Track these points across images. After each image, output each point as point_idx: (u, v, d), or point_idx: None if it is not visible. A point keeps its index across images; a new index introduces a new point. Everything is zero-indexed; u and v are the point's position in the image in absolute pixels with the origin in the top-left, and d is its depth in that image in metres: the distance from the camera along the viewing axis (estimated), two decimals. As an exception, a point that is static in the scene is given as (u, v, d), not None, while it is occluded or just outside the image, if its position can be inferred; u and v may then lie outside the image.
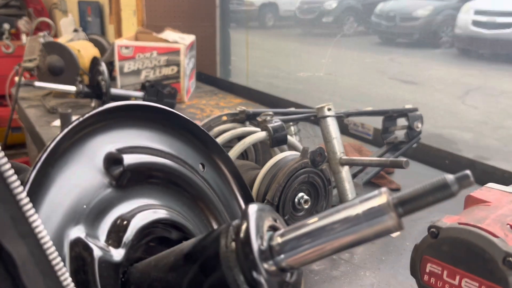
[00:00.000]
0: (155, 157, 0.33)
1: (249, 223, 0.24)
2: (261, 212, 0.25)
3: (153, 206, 0.32)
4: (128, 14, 2.30)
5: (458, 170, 0.96)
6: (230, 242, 0.25)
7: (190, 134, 0.36)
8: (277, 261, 0.24)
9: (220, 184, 0.37)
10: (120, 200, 0.30)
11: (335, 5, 2.37)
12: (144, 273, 0.29)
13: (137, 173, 0.31)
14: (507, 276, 0.38)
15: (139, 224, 0.30)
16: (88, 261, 0.26)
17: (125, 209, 0.30)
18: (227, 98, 1.77)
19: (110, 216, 0.29)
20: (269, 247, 0.24)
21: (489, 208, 0.47)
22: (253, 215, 0.24)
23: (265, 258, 0.24)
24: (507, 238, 0.40)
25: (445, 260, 0.43)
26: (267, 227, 0.25)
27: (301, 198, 0.62)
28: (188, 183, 0.35)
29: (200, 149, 0.37)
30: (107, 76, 1.35)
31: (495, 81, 1.53)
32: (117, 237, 0.29)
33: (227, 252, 0.24)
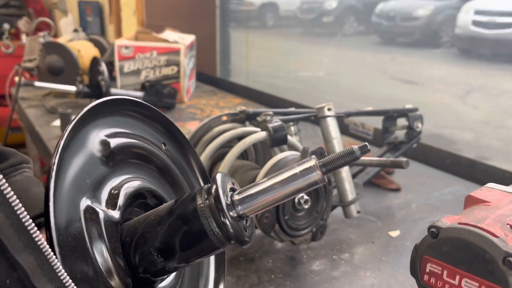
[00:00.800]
0: (132, 140, 0.42)
1: (218, 185, 0.35)
2: (224, 178, 0.36)
3: (135, 178, 0.41)
4: (128, 14, 2.30)
5: (458, 171, 0.96)
6: (204, 199, 0.35)
7: (154, 119, 0.46)
8: (237, 211, 0.35)
9: (179, 158, 0.48)
10: (112, 174, 0.40)
11: (336, 5, 2.37)
12: (134, 228, 0.38)
13: (120, 153, 0.40)
14: (507, 276, 0.38)
15: (126, 192, 0.39)
16: (97, 221, 0.35)
17: (115, 182, 0.40)
18: (227, 98, 1.77)
19: (107, 187, 0.39)
20: (231, 202, 0.35)
21: (489, 208, 0.47)
22: (219, 180, 0.35)
23: (229, 209, 0.34)
24: (507, 238, 0.40)
25: (445, 260, 0.43)
26: (229, 188, 0.36)
27: (301, 198, 0.62)
28: (156, 159, 0.44)
29: (162, 131, 0.46)
30: (107, 76, 1.35)
31: (495, 81, 1.53)
32: (113, 202, 0.38)
33: (203, 206, 0.35)
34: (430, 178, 1.02)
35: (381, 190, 0.94)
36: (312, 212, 0.64)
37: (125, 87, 1.60)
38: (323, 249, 0.71)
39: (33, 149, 1.92)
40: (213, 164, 0.77)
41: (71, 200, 0.34)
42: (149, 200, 0.42)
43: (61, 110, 1.18)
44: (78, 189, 0.35)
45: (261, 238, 0.73)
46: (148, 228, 0.37)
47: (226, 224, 0.34)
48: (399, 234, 0.76)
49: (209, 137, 0.75)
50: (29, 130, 1.47)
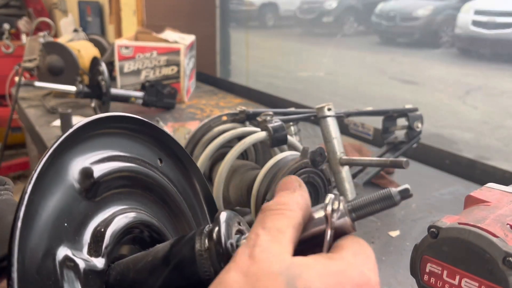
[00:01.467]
0: (122, 163, 0.36)
1: (221, 228, 0.29)
2: (229, 219, 0.30)
3: (125, 210, 0.35)
4: (128, 14, 2.30)
5: (458, 171, 0.96)
6: (204, 246, 0.29)
7: (149, 135, 0.39)
8: None
9: (180, 179, 0.42)
10: (96, 210, 0.34)
11: (335, 5, 2.37)
12: (123, 275, 0.33)
13: (107, 182, 0.35)
14: (507, 276, 0.38)
15: (114, 230, 0.33)
16: (76, 273, 0.30)
17: (101, 218, 0.34)
18: (227, 98, 1.77)
19: (90, 228, 0.33)
20: (237, 247, 0.29)
21: (489, 208, 0.47)
22: (223, 221, 0.30)
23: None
24: (507, 238, 0.40)
25: (445, 260, 0.43)
26: (235, 231, 0.30)
27: (301, 198, 0.62)
28: (152, 183, 0.38)
29: (158, 147, 0.40)
30: (107, 76, 1.35)
31: (495, 81, 1.53)
32: (97, 246, 0.32)
33: (202, 256, 0.29)
34: (430, 178, 1.02)
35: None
36: (312, 212, 0.64)
37: (125, 87, 1.60)
38: (323, 249, 0.71)
39: (33, 149, 1.92)
40: (213, 164, 0.77)
41: (45, 248, 0.28)
42: (144, 233, 0.37)
43: (61, 110, 1.18)
44: (53, 238, 0.29)
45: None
46: (138, 277, 0.32)
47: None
48: (399, 234, 0.76)
49: (209, 137, 0.75)
50: (29, 130, 1.47)
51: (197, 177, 0.43)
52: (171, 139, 0.41)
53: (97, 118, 0.34)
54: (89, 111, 1.47)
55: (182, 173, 0.42)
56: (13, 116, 1.72)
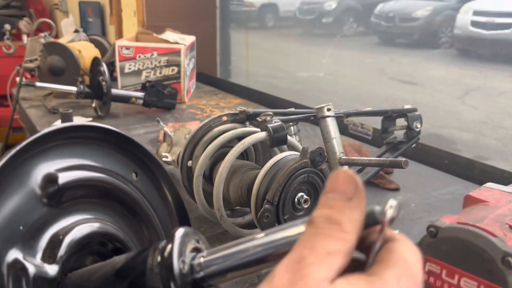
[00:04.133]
0: (91, 173, 0.35)
1: (174, 244, 0.28)
2: (185, 236, 0.29)
3: (88, 220, 0.35)
4: (128, 14, 2.31)
5: (457, 170, 0.97)
6: (156, 262, 0.28)
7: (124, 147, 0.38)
8: (196, 279, 0.27)
9: (153, 191, 0.40)
10: (56, 217, 0.33)
11: (335, 6, 2.37)
12: (78, 285, 0.32)
13: (72, 190, 0.34)
14: (506, 275, 0.38)
15: (73, 239, 0.33)
16: (24, 279, 0.29)
17: (61, 226, 0.33)
18: (227, 98, 1.77)
19: (47, 234, 0.32)
20: (191, 267, 0.27)
21: (488, 207, 0.47)
22: (178, 238, 0.28)
23: (184, 274, 0.27)
24: (506, 237, 0.41)
25: (444, 260, 0.43)
26: (190, 248, 0.28)
27: (301, 198, 0.62)
28: (123, 195, 0.37)
29: (133, 160, 0.39)
30: (108, 77, 1.35)
31: (494, 81, 1.53)
32: (52, 253, 0.32)
33: (153, 272, 0.28)
34: (429, 178, 1.02)
35: (380, 190, 0.94)
36: (312, 211, 0.65)
37: (126, 87, 1.61)
38: (323, 249, 0.71)
39: (33, 149, 1.92)
40: (213, 164, 0.78)
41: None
42: (108, 245, 0.36)
43: (62, 110, 1.19)
44: (6, 238, 0.29)
45: (261, 237, 0.73)
46: (92, 285, 0.31)
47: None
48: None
49: (209, 137, 0.75)
50: (30, 130, 1.47)
51: (169, 188, 0.41)
52: (146, 152, 0.40)
53: (66, 127, 0.34)
54: (90, 111, 1.48)
55: (155, 187, 0.41)
56: (14, 116, 1.72)
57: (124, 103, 1.47)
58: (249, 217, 0.74)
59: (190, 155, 0.77)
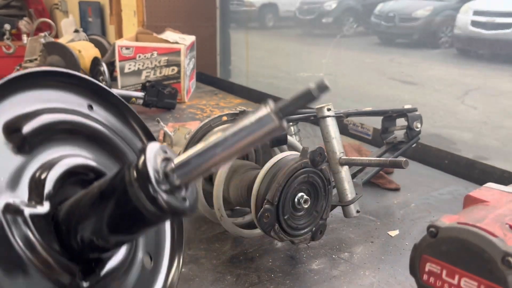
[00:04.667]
0: (50, 115, 0.37)
1: (146, 157, 0.31)
2: (154, 149, 0.32)
3: (63, 157, 0.37)
4: (128, 14, 2.31)
5: (457, 170, 0.97)
6: (133, 177, 0.31)
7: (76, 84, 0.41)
8: (171, 182, 0.32)
9: (115, 123, 0.44)
10: (30, 162, 0.35)
11: (335, 6, 2.37)
12: (69, 214, 0.35)
13: (39, 135, 0.36)
14: (506, 275, 0.38)
15: (55, 175, 0.36)
16: (21, 219, 0.32)
17: (37, 166, 0.35)
18: (227, 98, 1.77)
19: (25, 178, 0.34)
20: (164, 173, 0.31)
21: (488, 207, 0.47)
22: (149, 151, 0.32)
23: (160, 181, 0.31)
24: (506, 237, 0.41)
25: (444, 260, 0.43)
26: (161, 159, 0.32)
27: (301, 197, 0.62)
28: (86, 129, 0.41)
29: (88, 95, 0.42)
30: (108, 77, 1.35)
31: (494, 81, 1.53)
32: (38, 193, 0.34)
33: (132, 187, 0.31)
34: (429, 178, 1.02)
35: (380, 190, 0.94)
36: (312, 211, 0.65)
37: (126, 87, 1.61)
38: (323, 249, 0.71)
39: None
40: (213, 164, 0.78)
41: None
42: (88, 175, 0.39)
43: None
44: None
45: (261, 237, 0.73)
46: (82, 213, 0.34)
47: (157, 199, 0.30)
48: (398, 234, 0.76)
49: (210, 137, 0.75)
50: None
51: (133, 117, 0.46)
52: (97, 85, 0.43)
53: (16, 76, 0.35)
54: (89, 111, 1.47)
55: (113, 114, 0.44)
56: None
57: (124, 103, 1.47)
58: (249, 217, 0.74)
59: (190, 155, 0.77)
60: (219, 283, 0.62)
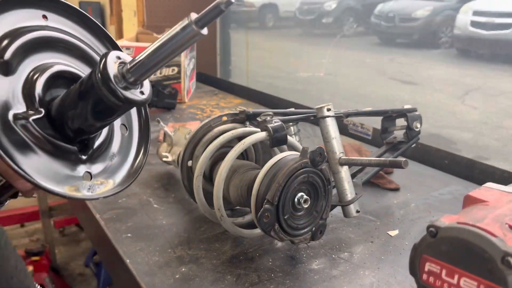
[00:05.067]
0: (22, 37, 0.45)
1: (106, 62, 0.41)
2: (113, 55, 0.42)
3: (42, 66, 0.46)
4: (128, 14, 2.31)
5: (457, 170, 0.97)
6: (99, 79, 0.41)
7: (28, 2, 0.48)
8: (127, 79, 0.42)
9: (71, 25, 0.52)
10: (18, 78, 0.44)
11: (335, 6, 2.38)
12: (60, 110, 0.45)
13: (16, 55, 0.44)
14: (505, 275, 0.38)
15: (40, 83, 0.45)
16: (29, 124, 0.43)
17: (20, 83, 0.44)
18: (227, 98, 1.77)
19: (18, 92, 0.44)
20: (122, 73, 0.42)
21: (488, 207, 0.47)
22: (109, 57, 0.42)
23: (119, 80, 0.42)
24: (506, 237, 0.41)
25: (444, 259, 0.43)
26: (118, 62, 0.42)
27: (301, 197, 0.62)
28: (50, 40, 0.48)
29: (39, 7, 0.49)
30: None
31: (494, 81, 1.53)
32: (31, 102, 0.44)
33: (98, 86, 0.42)
34: (429, 178, 1.02)
35: (380, 190, 0.94)
36: (312, 211, 0.65)
37: (125, 87, 1.61)
38: (323, 248, 0.71)
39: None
40: (213, 164, 0.78)
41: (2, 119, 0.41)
42: (68, 79, 0.48)
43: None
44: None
45: (261, 237, 0.73)
46: (69, 109, 0.45)
47: (116, 92, 0.41)
48: (398, 234, 0.76)
49: (210, 137, 0.75)
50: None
51: (94, 25, 0.55)
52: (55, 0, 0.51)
53: None
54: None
55: (78, 24, 0.53)
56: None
57: (124, 103, 1.47)
58: (249, 217, 0.74)
59: (190, 155, 0.77)
60: (219, 283, 0.62)
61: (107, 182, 0.49)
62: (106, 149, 0.52)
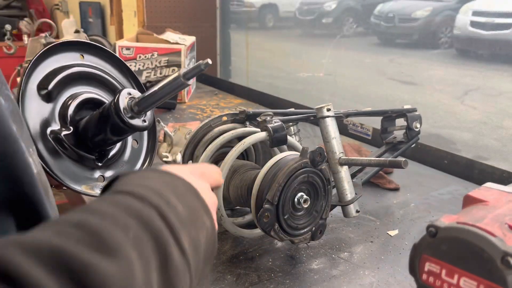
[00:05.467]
0: (63, 72, 0.61)
1: (119, 97, 0.58)
2: (125, 92, 0.59)
3: (76, 95, 0.62)
4: (129, 15, 2.31)
5: (457, 170, 0.97)
6: (113, 108, 0.57)
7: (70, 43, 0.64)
8: (134, 110, 0.58)
9: (106, 66, 0.67)
10: (56, 104, 0.61)
11: (335, 6, 2.38)
12: (85, 127, 0.61)
13: (58, 86, 0.60)
14: (505, 275, 0.38)
15: (73, 106, 0.62)
16: (62, 139, 0.59)
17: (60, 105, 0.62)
18: (227, 99, 1.77)
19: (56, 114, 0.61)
20: (129, 105, 0.58)
21: (488, 207, 0.47)
22: (122, 93, 0.58)
23: (126, 110, 0.58)
24: (506, 237, 0.41)
25: (443, 259, 0.43)
26: (128, 98, 0.59)
27: (301, 197, 0.62)
28: (87, 74, 0.64)
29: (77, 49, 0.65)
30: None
31: (494, 82, 1.53)
32: (64, 121, 0.61)
33: (112, 111, 0.58)
34: (428, 177, 1.02)
35: (380, 190, 0.95)
36: (312, 211, 0.65)
37: (126, 87, 1.61)
38: (323, 248, 0.71)
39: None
40: (213, 164, 0.78)
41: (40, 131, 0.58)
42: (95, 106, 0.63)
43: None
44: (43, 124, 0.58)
45: (261, 237, 0.73)
46: (92, 126, 0.60)
47: (123, 119, 0.58)
48: (398, 233, 0.76)
49: (210, 137, 0.75)
50: (30, 130, 1.47)
51: (123, 65, 0.69)
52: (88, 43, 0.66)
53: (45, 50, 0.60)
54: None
55: (109, 63, 0.68)
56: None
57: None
58: (249, 217, 0.74)
59: (190, 155, 0.77)
60: (219, 282, 0.62)
61: None
62: (119, 158, 0.66)
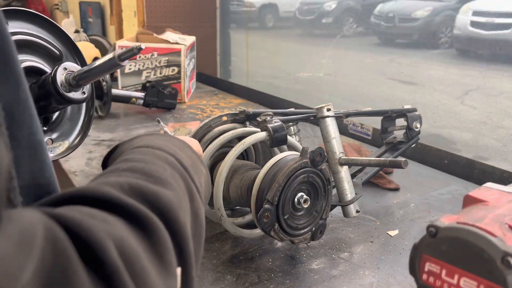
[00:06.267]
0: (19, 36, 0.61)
1: (57, 71, 0.58)
2: (64, 64, 0.59)
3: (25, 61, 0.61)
4: (129, 15, 2.31)
5: (457, 170, 0.97)
6: (49, 80, 0.58)
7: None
8: (72, 83, 0.58)
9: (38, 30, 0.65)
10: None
11: (335, 6, 2.38)
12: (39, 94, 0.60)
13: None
14: (505, 275, 0.38)
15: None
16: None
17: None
18: (227, 99, 1.77)
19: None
20: (67, 79, 0.58)
21: (488, 207, 0.47)
22: (58, 69, 0.58)
23: (64, 84, 0.58)
24: (506, 237, 0.41)
25: (443, 259, 0.43)
26: (67, 71, 0.59)
27: (301, 197, 0.62)
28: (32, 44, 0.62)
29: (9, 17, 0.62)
30: (108, 77, 1.36)
31: (494, 82, 1.53)
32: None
33: (49, 84, 0.58)
34: (428, 177, 1.02)
35: (380, 190, 0.95)
36: (312, 211, 0.65)
37: (126, 87, 1.61)
38: (323, 248, 0.71)
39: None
40: (213, 164, 0.78)
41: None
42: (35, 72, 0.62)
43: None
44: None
45: (261, 237, 0.73)
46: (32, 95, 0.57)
47: (60, 92, 0.58)
48: (398, 234, 0.76)
49: (210, 137, 0.75)
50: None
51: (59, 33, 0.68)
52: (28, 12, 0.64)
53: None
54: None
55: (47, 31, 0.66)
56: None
57: (124, 103, 1.47)
58: (249, 217, 0.74)
59: (190, 155, 0.77)
60: (219, 282, 0.62)
61: (63, 143, 0.65)
62: (62, 118, 0.67)
